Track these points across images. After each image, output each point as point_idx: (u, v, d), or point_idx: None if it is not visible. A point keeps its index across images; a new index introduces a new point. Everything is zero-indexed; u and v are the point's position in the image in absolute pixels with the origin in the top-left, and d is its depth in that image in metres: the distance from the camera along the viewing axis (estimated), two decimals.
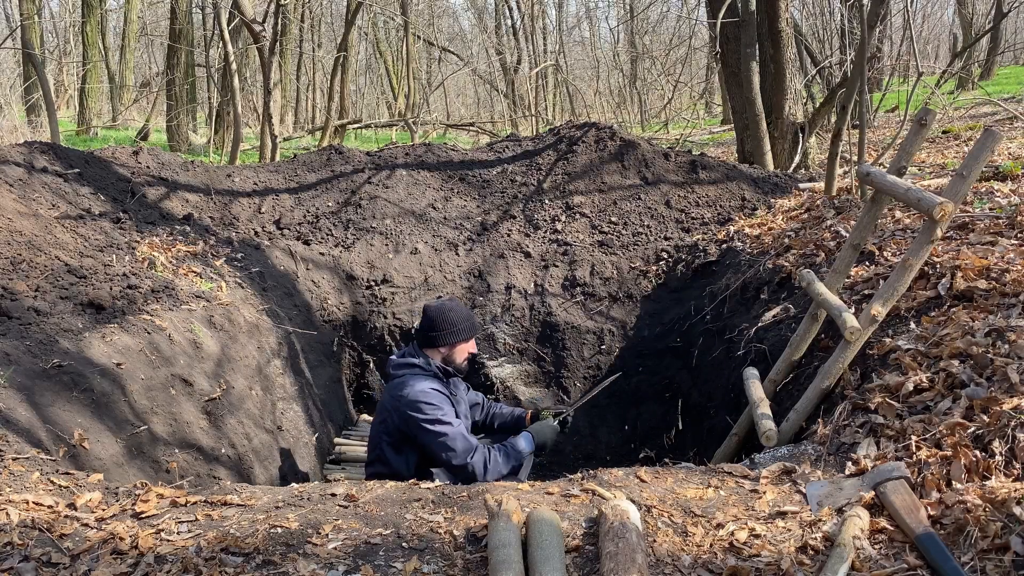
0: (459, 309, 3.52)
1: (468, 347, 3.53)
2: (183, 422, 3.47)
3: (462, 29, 26.93)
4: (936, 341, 2.72)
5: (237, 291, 4.68)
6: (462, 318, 3.48)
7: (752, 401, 3.19)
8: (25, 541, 1.97)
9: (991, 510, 1.91)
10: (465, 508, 2.22)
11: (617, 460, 4.87)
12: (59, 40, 24.47)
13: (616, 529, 1.94)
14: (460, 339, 3.47)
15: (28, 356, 3.02)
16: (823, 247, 4.20)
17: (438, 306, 3.53)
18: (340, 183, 6.32)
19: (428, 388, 3.35)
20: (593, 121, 7.39)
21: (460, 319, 3.47)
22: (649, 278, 5.44)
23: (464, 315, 3.51)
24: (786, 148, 8.01)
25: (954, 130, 9.25)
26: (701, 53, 18.68)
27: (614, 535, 1.92)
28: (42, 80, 8.57)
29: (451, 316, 3.46)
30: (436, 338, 3.46)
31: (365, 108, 25.64)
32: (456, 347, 3.48)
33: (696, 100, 19.50)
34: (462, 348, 3.50)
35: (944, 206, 2.64)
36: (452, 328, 3.46)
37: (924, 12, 25.15)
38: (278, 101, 13.95)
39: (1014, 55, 23.78)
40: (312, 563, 1.93)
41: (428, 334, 3.48)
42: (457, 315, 3.48)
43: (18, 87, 16.54)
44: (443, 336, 3.45)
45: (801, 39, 12.58)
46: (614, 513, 2.01)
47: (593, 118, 14.45)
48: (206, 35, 15.52)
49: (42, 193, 4.63)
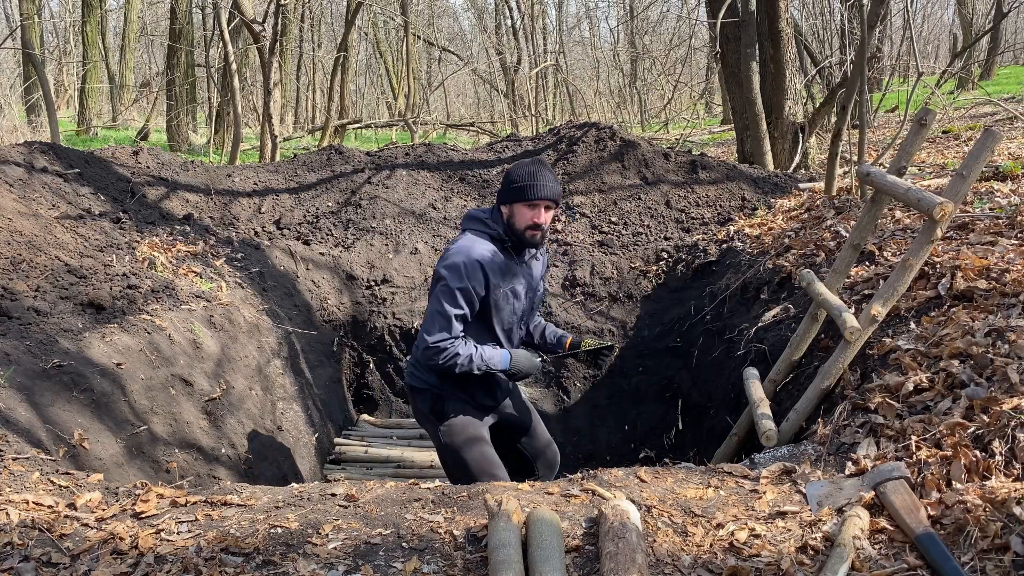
0: (530, 166, 2.97)
1: (528, 212, 2.93)
2: (183, 422, 3.47)
3: (462, 29, 26.95)
4: (936, 341, 2.72)
5: (237, 291, 4.68)
6: (526, 175, 2.92)
7: (752, 401, 3.19)
8: (25, 541, 1.97)
9: (991, 510, 1.91)
10: (465, 508, 2.22)
11: (617, 460, 4.87)
12: (59, 40, 24.48)
13: (616, 529, 1.94)
14: (516, 198, 2.92)
15: (28, 356, 3.02)
16: (823, 247, 4.20)
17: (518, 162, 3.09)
18: (340, 183, 6.32)
19: (473, 252, 2.93)
20: (593, 121, 7.39)
21: (523, 175, 2.93)
22: (649, 278, 5.44)
23: (529, 172, 2.93)
24: (786, 148, 8.02)
25: (954, 130, 9.26)
26: (701, 53, 18.69)
27: (614, 535, 1.92)
28: (42, 80, 8.57)
29: (516, 171, 2.96)
30: (499, 193, 3.01)
31: (365, 108, 25.64)
32: (514, 208, 2.95)
33: (696, 100, 19.50)
34: (521, 211, 2.93)
35: (944, 206, 2.64)
36: (511, 183, 2.95)
37: (924, 12, 25.17)
38: (278, 101, 13.96)
39: (1014, 55, 23.78)
40: (312, 563, 1.93)
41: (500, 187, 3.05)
42: (523, 171, 2.95)
43: (18, 87, 16.55)
44: (503, 191, 2.98)
45: (801, 39, 12.58)
46: (614, 513, 2.01)
47: (593, 118, 14.45)
48: (206, 35, 15.53)
49: (42, 193, 4.63)
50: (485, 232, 3.01)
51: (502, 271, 2.99)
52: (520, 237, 2.97)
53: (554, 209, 3.01)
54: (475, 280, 2.91)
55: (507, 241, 3.00)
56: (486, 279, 2.94)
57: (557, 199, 2.97)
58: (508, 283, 3.02)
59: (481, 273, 2.92)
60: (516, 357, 3.04)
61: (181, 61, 14.15)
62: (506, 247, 3.01)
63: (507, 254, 3.02)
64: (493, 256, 2.96)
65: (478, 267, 2.91)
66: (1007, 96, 12.35)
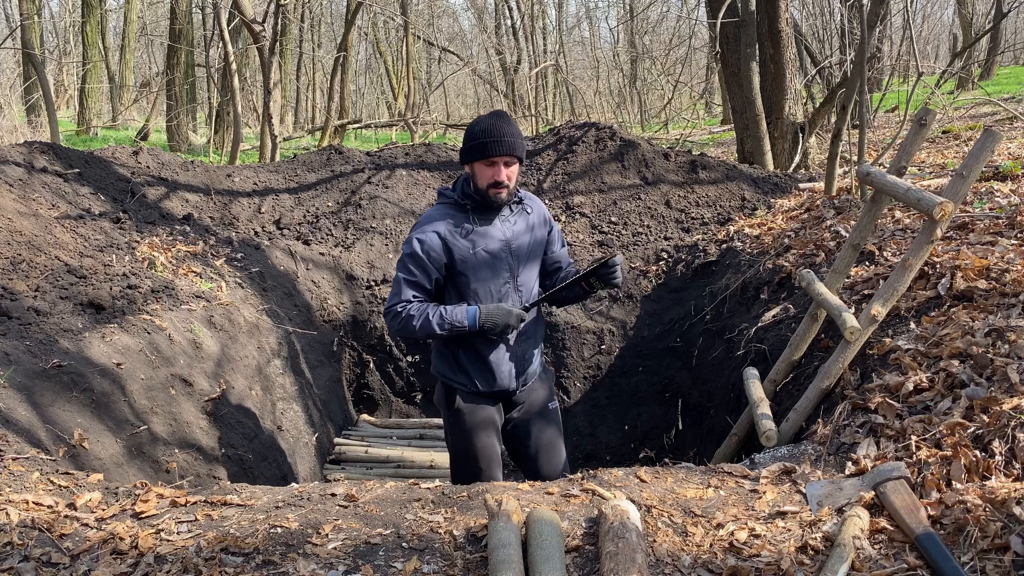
0: (487, 120, 2.80)
1: (488, 171, 2.79)
2: (183, 422, 3.47)
3: (462, 29, 26.95)
4: (936, 341, 2.72)
5: (237, 291, 4.68)
6: (481, 131, 2.76)
7: (752, 401, 3.19)
8: (25, 541, 1.97)
9: (991, 510, 1.91)
10: (465, 508, 2.22)
11: (617, 460, 4.87)
12: (59, 40, 24.49)
13: (616, 529, 1.94)
14: (474, 156, 2.79)
15: (28, 356, 3.02)
16: (823, 247, 4.20)
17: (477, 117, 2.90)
18: (340, 183, 6.32)
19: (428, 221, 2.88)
20: (593, 121, 7.39)
21: (479, 132, 2.77)
22: (649, 278, 5.44)
23: (485, 128, 2.76)
24: (786, 148, 8.02)
25: (954, 130, 9.25)
26: (701, 53, 18.69)
27: (614, 535, 1.92)
28: (42, 80, 8.58)
29: (473, 127, 2.81)
30: (460, 151, 2.88)
31: (365, 108, 25.66)
32: (474, 167, 2.82)
33: (696, 100, 19.50)
34: (480, 170, 2.80)
35: (944, 206, 2.64)
36: (468, 141, 2.81)
37: (924, 12, 25.16)
38: (278, 101, 13.96)
39: (1014, 55, 23.78)
40: (312, 563, 1.93)
41: None
42: (479, 127, 2.78)
43: (18, 87, 16.55)
44: (462, 150, 2.85)
45: (801, 39, 12.58)
46: (614, 513, 2.01)
47: (593, 118, 14.45)
48: (206, 35, 15.53)
49: (42, 193, 4.63)
50: (444, 201, 2.94)
51: (464, 233, 2.86)
52: (484, 196, 2.83)
53: (516, 164, 2.84)
54: (430, 247, 2.82)
55: (467, 203, 2.88)
56: (444, 244, 2.84)
57: (517, 154, 2.79)
58: (478, 245, 2.87)
59: (438, 238, 2.84)
60: (486, 310, 2.80)
61: (181, 61, 14.16)
62: (466, 209, 2.89)
63: (468, 216, 2.88)
64: (451, 220, 2.87)
65: (434, 235, 2.84)
66: (1007, 96, 12.35)
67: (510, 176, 2.82)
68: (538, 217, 3.05)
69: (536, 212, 3.04)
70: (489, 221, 2.90)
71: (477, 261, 2.87)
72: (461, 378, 2.98)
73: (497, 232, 2.90)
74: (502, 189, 2.81)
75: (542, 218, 3.07)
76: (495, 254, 2.89)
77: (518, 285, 2.97)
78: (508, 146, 2.74)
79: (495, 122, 2.78)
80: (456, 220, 2.87)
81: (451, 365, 2.99)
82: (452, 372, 3.00)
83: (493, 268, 2.89)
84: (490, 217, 2.91)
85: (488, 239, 2.88)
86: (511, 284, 2.95)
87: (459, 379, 2.98)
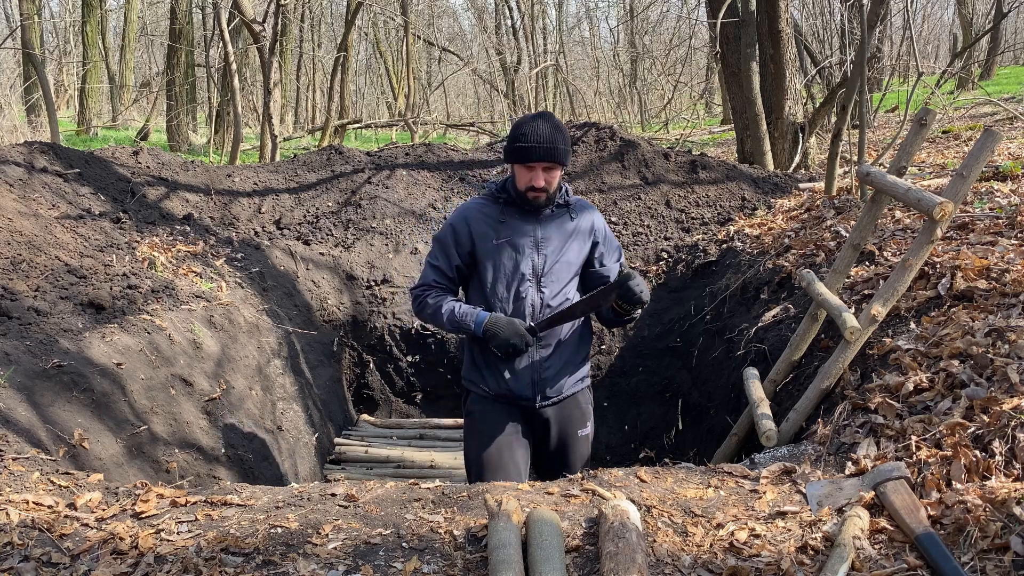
0: (530, 123, 2.71)
1: (526, 175, 2.72)
2: (183, 422, 3.47)
3: (462, 29, 26.94)
4: (936, 341, 2.72)
5: (237, 291, 4.68)
6: (521, 133, 2.69)
7: (752, 401, 3.19)
8: (25, 541, 1.97)
9: (991, 510, 1.91)
10: (465, 508, 2.22)
11: (617, 460, 4.87)
12: (59, 40, 24.50)
13: (616, 529, 1.94)
14: (513, 158, 2.73)
15: (28, 356, 3.02)
16: (823, 247, 4.20)
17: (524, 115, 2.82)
18: (340, 183, 6.32)
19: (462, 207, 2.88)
20: (593, 121, 7.39)
21: (519, 133, 2.69)
22: (649, 278, 5.44)
23: (526, 131, 2.68)
24: (786, 148, 8.02)
25: (954, 130, 9.25)
26: (701, 53, 18.69)
27: (614, 535, 1.92)
28: (42, 80, 8.58)
29: (516, 127, 2.74)
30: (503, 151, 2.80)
31: (365, 108, 25.66)
32: (514, 168, 2.77)
33: (696, 100, 19.51)
34: (519, 172, 2.74)
35: (944, 206, 2.64)
36: (510, 141, 2.74)
37: (924, 12, 25.17)
38: (278, 101, 13.96)
39: (1014, 55, 23.79)
40: (312, 563, 1.93)
41: None
42: (521, 128, 2.71)
43: (18, 87, 16.55)
44: (505, 148, 2.78)
45: (801, 39, 12.58)
46: (614, 513, 2.01)
47: (593, 118, 14.45)
48: (206, 35, 15.53)
49: (42, 193, 4.63)
50: (484, 194, 2.91)
51: (494, 221, 2.79)
52: (522, 198, 2.76)
53: (557, 169, 2.74)
54: (459, 232, 2.80)
55: (502, 196, 2.82)
56: (470, 230, 2.80)
57: (557, 160, 2.69)
58: (503, 236, 2.78)
59: (465, 224, 2.81)
60: (495, 320, 2.69)
61: (181, 61, 14.16)
62: (499, 200, 2.83)
63: (502, 207, 2.82)
64: (483, 208, 2.83)
65: (462, 220, 2.82)
66: (1007, 96, 12.35)
67: (549, 181, 2.73)
68: (583, 226, 2.88)
69: (582, 221, 2.89)
70: (523, 217, 2.82)
71: (498, 251, 2.79)
72: (475, 377, 2.89)
73: (528, 227, 2.81)
74: (540, 193, 2.73)
75: (589, 228, 2.90)
76: (518, 248, 2.79)
77: (541, 287, 2.81)
78: (547, 152, 2.66)
79: (537, 125, 2.69)
80: (490, 211, 2.83)
81: (470, 363, 2.92)
82: (469, 370, 2.92)
83: (515, 262, 2.79)
84: (525, 213, 2.83)
85: (516, 232, 2.80)
86: (533, 285, 2.80)
87: (473, 378, 2.90)
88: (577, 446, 2.96)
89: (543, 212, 2.81)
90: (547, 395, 2.86)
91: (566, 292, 2.86)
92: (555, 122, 2.72)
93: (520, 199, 2.77)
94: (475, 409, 2.90)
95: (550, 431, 2.91)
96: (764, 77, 7.87)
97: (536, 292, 2.80)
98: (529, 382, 2.83)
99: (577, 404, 2.96)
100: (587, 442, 3.02)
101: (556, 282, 2.83)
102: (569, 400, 2.92)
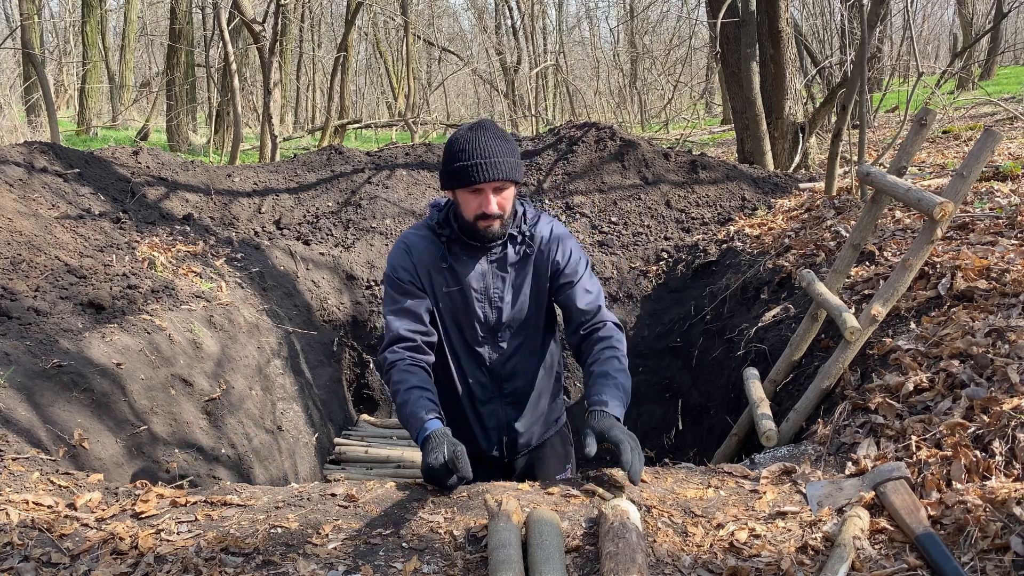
0: (468, 137, 2.23)
1: (473, 200, 2.25)
2: (183, 422, 3.47)
3: (462, 29, 26.96)
4: (936, 341, 2.72)
5: (237, 291, 4.68)
6: (461, 150, 2.21)
7: (752, 401, 3.19)
8: (25, 541, 1.97)
9: (991, 510, 1.91)
10: (465, 508, 2.21)
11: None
12: (59, 40, 24.50)
13: (616, 529, 1.94)
14: (455, 183, 2.25)
15: (28, 356, 3.02)
16: (823, 247, 4.20)
17: (456, 131, 2.31)
18: (340, 183, 6.32)
19: (402, 239, 2.39)
20: (593, 121, 7.39)
21: (459, 151, 2.21)
22: (649, 278, 5.44)
23: (467, 148, 2.20)
24: (786, 148, 8.02)
25: (954, 130, 9.25)
26: (701, 53, 18.69)
27: (614, 535, 1.92)
28: (42, 80, 8.58)
29: (451, 145, 2.25)
30: (440, 174, 2.33)
31: (365, 108, 25.67)
32: (457, 194, 2.29)
33: (696, 100, 19.50)
34: (464, 198, 2.26)
35: (944, 206, 2.64)
36: (446, 164, 2.26)
37: (924, 12, 25.18)
38: (278, 101, 13.97)
39: (1014, 55, 23.79)
40: (312, 563, 1.92)
41: None
42: (459, 145, 2.23)
43: (18, 87, 16.55)
44: (441, 173, 2.31)
45: (801, 39, 12.59)
46: (614, 513, 2.01)
47: (593, 118, 14.45)
48: (206, 35, 15.54)
49: (42, 193, 4.63)
50: (424, 223, 2.43)
51: (436, 265, 2.34)
52: (472, 229, 2.29)
53: (510, 187, 2.28)
54: (411, 272, 2.34)
55: (444, 231, 2.35)
56: (417, 271, 2.34)
57: (510, 177, 2.23)
58: (451, 283, 2.36)
59: (409, 259, 2.34)
60: (432, 440, 2.13)
61: (181, 61, 14.16)
62: (442, 237, 2.35)
63: (446, 246, 2.35)
64: (428, 246, 2.36)
65: (404, 253, 2.35)
66: (1007, 96, 12.35)
67: (503, 204, 2.26)
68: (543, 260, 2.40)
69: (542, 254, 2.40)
70: (471, 256, 2.36)
71: (449, 300, 2.37)
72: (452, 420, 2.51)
73: (476, 272, 2.36)
74: (493, 220, 2.26)
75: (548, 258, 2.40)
76: (467, 299, 2.37)
77: (499, 342, 2.42)
78: (496, 168, 2.19)
79: (479, 138, 2.21)
80: (428, 243, 2.37)
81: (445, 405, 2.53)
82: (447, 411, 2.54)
83: (465, 314, 2.38)
84: (473, 251, 2.36)
85: (463, 277, 2.35)
86: (489, 341, 2.41)
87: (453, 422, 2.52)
88: None
89: (493, 250, 2.36)
90: (516, 449, 2.57)
91: (530, 341, 2.47)
92: (497, 131, 2.27)
93: (468, 232, 2.31)
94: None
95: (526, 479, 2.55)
96: (764, 77, 7.88)
97: (492, 349, 2.43)
98: (496, 440, 2.54)
99: (553, 450, 2.65)
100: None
101: (516, 335, 2.44)
102: (542, 448, 2.63)
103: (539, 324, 2.48)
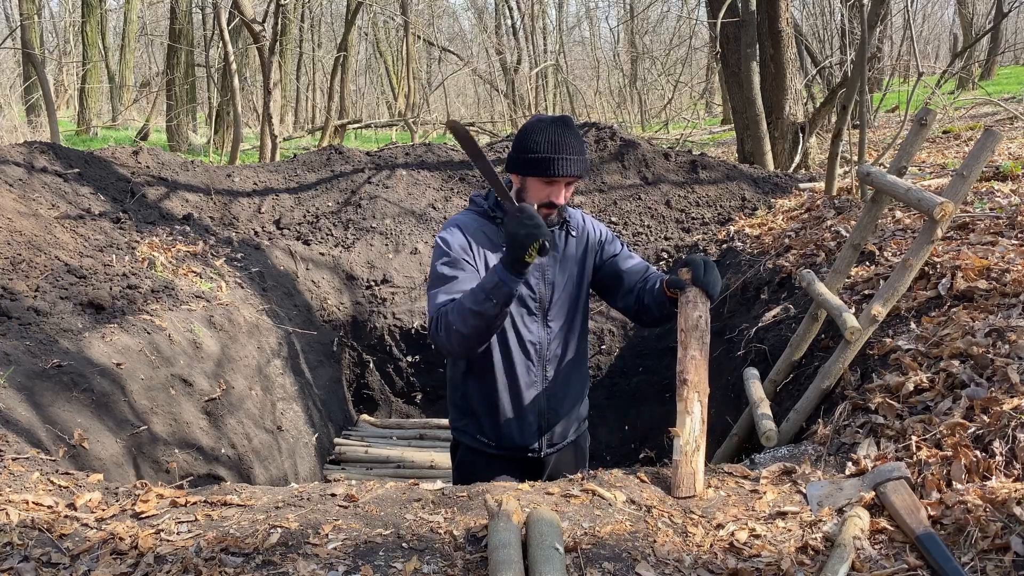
0: (552, 131, 2.32)
1: (545, 190, 2.35)
2: (183, 422, 3.47)
3: (462, 29, 26.94)
4: (936, 341, 2.72)
5: (237, 291, 4.68)
6: (546, 144, 2.29)
7: (752, 401, 3.18)
8: (25, 541, 1.97)
9: (991, 510, 1.90)
10: (465, 508, 2.21)
11: (617, 460, 4.87)
12: (59, 40, 24.51)
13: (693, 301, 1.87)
14: (531, 171, 2.33)
15: (28, 356, 3.02)
16: (823, 247, 4.20)
17: (536, 120, 2.39)
18: (340, 183, 6.32)
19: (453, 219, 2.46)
20: (593, 121, 7.39)
21: (543, 144, 2.30)
22: None
23: (551, 141, 2.29)
24: (786, 148, 8.02)
25: (954, 130, 9.25)
26: (701, 53, 18.69)
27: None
28: (42, 80, 8.58)
29: (533, 136, 2.33)
30: (510, 158, 2.41)
31: (365, 108, 25.67)
32: (527, 181, 2.37)
33: (696, 100, 19.51)
34: (535, 186, 2.35)
35: (944, 206, 2.63)
36: (526, 152, 2.33)
37: (924, 12, 25.18)
38: (278, 101, 13.97)
39: (1014, 55, 23.78)
40: (312, 563, 1.92)
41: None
42: (543, 137, 2.31)
43: (18, 87, 16.56)
44: (515, 159, 2.38)
45: (801, 39, 12.59)
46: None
47: (593, 118, 14.46)
48: (206, 35, 15.54)
49: (42, 193, 4.63)
50: (475, 209, 2.53)
51: (493, 244, 2.43)
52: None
53: (576, 182, 2.42)
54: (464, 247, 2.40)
55: (498, 216, 2.46)
56: (472, 249, 2.41)
57: (583, 174, 2.37)
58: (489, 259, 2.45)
59: (464, 236, 2.41)
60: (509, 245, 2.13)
61: (181, 61, 14.16)
62: (496, 220, 2.47)
63: (499, 227, 2.46)
64: (481, 226, 2.45)
65: (458, 231, 2.42)
66: (1007, 96, 12.35)
67: (567, 196, 2.41)
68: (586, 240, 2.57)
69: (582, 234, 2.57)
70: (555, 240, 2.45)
71: None
72: (468, 425, 2.56)
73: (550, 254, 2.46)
74: (554, 209, 2.39)
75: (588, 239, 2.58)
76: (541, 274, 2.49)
77: (548, 320, 2.52)
78: (575, 165, 2.31)
79: (562, 135, 2.31)
80: (488, 231, 2.46)
81: (460, 407, 2.58)
82: (459, 415, 2.58)
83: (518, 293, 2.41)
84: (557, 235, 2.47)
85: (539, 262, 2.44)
86: (538, 319, 2.51)
87: (465, 426, 2.57)
88: None
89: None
90: (553, 441, 2.60)
91: (575, 323, 2.59)
92: (577, 130, 2.39)
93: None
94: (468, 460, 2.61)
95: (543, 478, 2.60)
96: (764, 77, 7.88)
97: (541, 327, 2.52)
98: (536, 428, 2.55)
99: (580, 450, 2.73)
100: None
101: (562, 314, 2.55)
102: (570, 448, 2.68)
103: (581, 306, 2.61)
